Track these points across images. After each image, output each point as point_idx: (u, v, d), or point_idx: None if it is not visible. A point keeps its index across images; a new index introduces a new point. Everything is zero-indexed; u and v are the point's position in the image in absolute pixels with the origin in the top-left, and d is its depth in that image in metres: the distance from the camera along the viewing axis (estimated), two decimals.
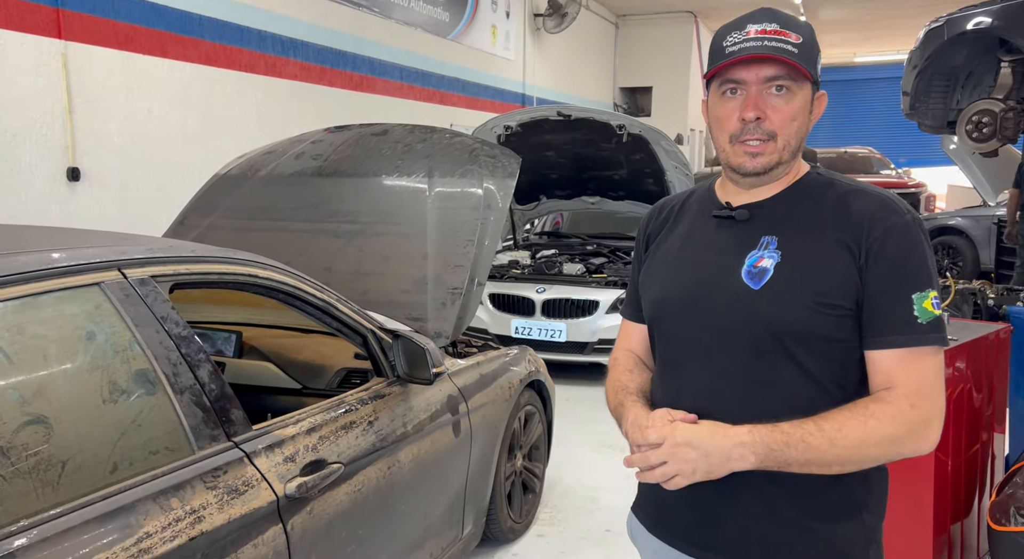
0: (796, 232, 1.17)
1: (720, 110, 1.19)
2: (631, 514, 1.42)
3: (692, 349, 1.22)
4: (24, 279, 1.40)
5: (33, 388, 1.37)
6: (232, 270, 1.90)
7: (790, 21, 1.17)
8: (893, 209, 1.14)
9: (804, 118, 1.18)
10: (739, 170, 1.20)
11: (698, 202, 1.32)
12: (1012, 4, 4.99)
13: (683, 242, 1.30)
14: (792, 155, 1.19)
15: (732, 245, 1.21)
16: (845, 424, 1.08)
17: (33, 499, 1.28)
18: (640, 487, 1.40)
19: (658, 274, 1.31)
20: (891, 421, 1.08)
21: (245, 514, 1.63)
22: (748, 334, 1.16)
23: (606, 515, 3.43)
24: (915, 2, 13.82)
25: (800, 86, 1.16)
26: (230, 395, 1.73)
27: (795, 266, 1.14)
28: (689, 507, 1.23)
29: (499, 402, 2.90)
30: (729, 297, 1.18)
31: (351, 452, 2.01)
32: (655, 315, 1.31)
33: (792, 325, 1.13)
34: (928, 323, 1.10)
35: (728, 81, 1.17)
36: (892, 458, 1.11)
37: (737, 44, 1.15)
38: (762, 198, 1.22)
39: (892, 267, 1.11)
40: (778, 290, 1.14)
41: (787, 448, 1.07)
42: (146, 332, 1.58)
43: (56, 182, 4.24)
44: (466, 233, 3.01)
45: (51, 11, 4.11)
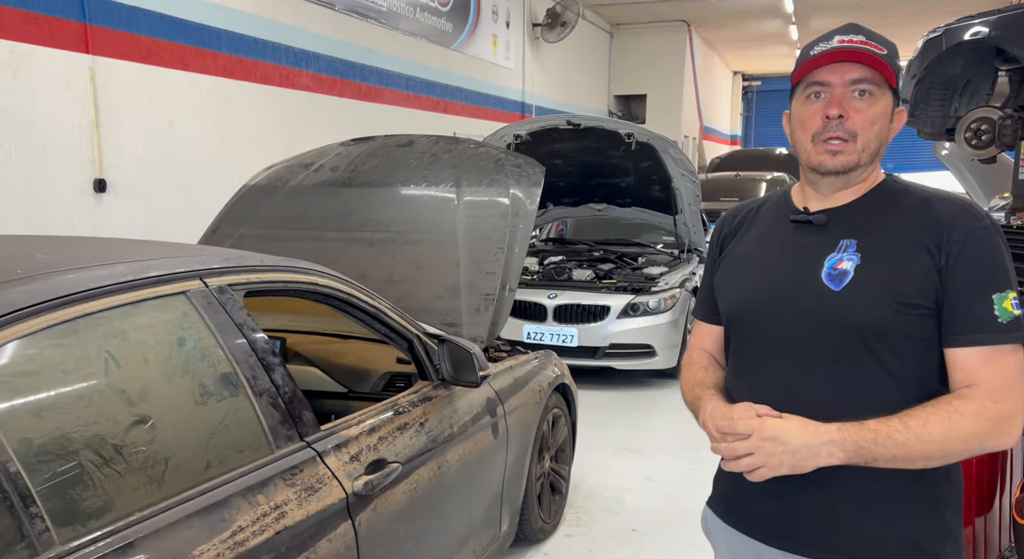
0: (875, 235, 1.22)
1: (804, 112, 1.25)
2: (707, 509, 1.46)
3: (772, 349, 1.28)
4: (124, 288, 1.48)
5: (138, 390, 1.45)
6: (296, 278, 1.99)
7: (875, 35, 1.23)
8: (973, 213, 1.19)
9: (884, 124, 1.23)
10: (819, 168, 1.24)
11: (773, 208, 1.38)
12: (1009, 15, 5.13)
13: (760, 246, 1.35)
14: (870, 159, 1.23)
15: (811, 249, 1.26)
16: (930, 421, 1.12)
17: (143, 494, 1.36)
18: (717, 482, 1.45)
19: (736, 277, 1.37)
20: (974, 417, 1.12)
21: (320, 510, 1.71)
22: (830, 334, 1.21)
23: (631, 515, 3.51)
24: (904, 11, 14.07)
25: (882, 93, 1.21)
26: (301, 397, 1.82)
27: (876, 268, 1.19)
28: (772, 499, 1.27)
29: (531, 405, 2.99)
30: (810, 299, 1.23)
31: (407, 452, 2.09)
32: (733, 317, 1.36)
33: (874, 324, 1.18)
34: (1008, 322, 1.14)
35: (814, 84, 1.23)
36: (976, 453, 1.16)
37: (824, 52, 1.22)
38: (839, 204, 1.27)
39: (972, 268, 1.15)
40: (859, 291, 1.19)
41: (874, 445, 1.11)
42: (227, 338, 1.66)
43: (83, 193, 4.32)
44: (496, 241, 3.10)
45: (79, 27, 4.20)
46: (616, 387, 5.62)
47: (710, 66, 19.08)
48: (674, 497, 3.69)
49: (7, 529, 1.14)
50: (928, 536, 1.22)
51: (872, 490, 1.21)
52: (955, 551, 1.24)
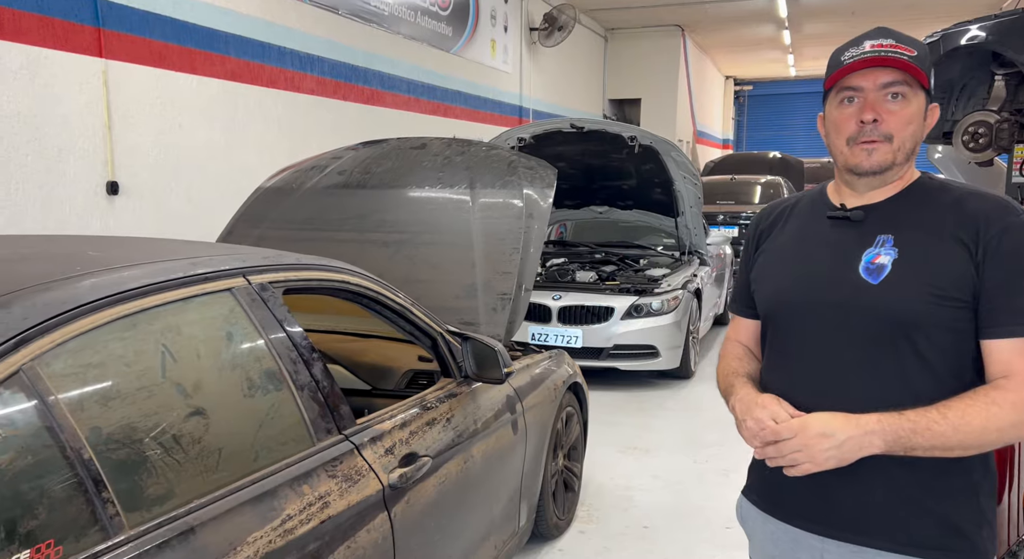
0: (912, 231, 1.26)
1: (838, 116, 1.28)
2: (742, 498, 1.50)
3: (810, 341, 1.32)
4: (176, 285, 1.53)
5: (192, 383, 1.50)
6: (329, 276, 2.04)
7: (905, 37, 1.27)
8: (1009, 209, 1.23)
9: (919, 123, 1.27)
10: (856, 169, 1.28)
11: (809, 205, 1.42)
12: (1005, 20, 5.26)
13: (797, 241, 1.39)
14: (905, 158, 1.27)
15: (848, 244, 1.30)
16: (967, 411, 1.15)
17: (200, 482, 1.41)
18: (752, 471, 1.48)
19: (773, 271, 1.41)
20: (1012, 408, 1.15)
21: (359, 501, 1.76)
22: (868, 326, 1.25)
23: (642, 512, 3.57)
24: (897, 16, 14.22)
25: (915, 93, 1.25)
26: (338, 392, 1.87)
27: (913, 262, 1.23)
28: (809, 487, 1.30)
29: (546, 403, 3.04)
30: (848, 291, 1.27)
31: (436, 446, 2.14)
32: (771, 309, 1.40)
33: (912, 316, 1.21)
34: None
35: (846, 89, 1.26)
36: (1012, 441, 1.20)
37: (855, 57, 1.25)
38: (876, 200, 1.31)
39: (1009, 262, 1.19)
40: (897, 284, 1.23)
41: (914, 435, 1.15)
42: (270, 333, 1.71)
43: (97, 195, 4.35)
44: (511, 241, 3.15)
45: (94, 31, 4.23)
46: (620, 387, 5.68)
47: (703, 70, 19.21)
48: (682, 494, 3.75)
49: (82, 513, 1.19)
50: (964, 521, 1.25)
51: (909, 477, 1.24)
52: (990, 536, 1.28)
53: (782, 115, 24.36)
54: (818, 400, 1.25)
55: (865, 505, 1.28)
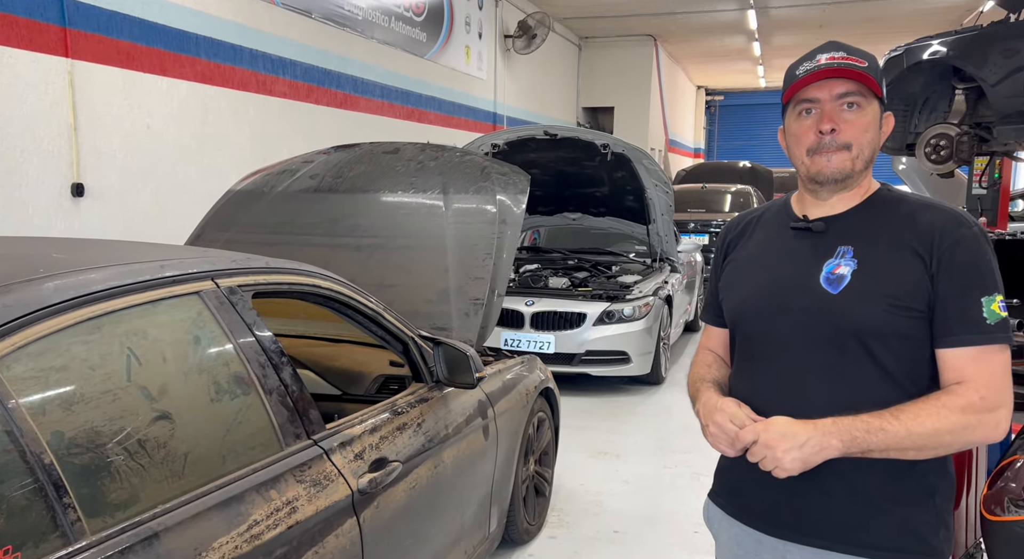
0: (871, 242, 1.30)
1: (797, 128, 1.33)
2: (708, 501, 1.53)
3: (774, 349, 1.36)
4: (142, 287, 1.51)
5: (158, 387, 1.48)
6: (300, 280, 2.03)
7: (855, 50, 1.32)
8: (962, 222, 1.27)
9: (875, 131, 1.31)
10: (817, 177, 1.32)
11: (775, 215, 1.46)
12: (965, 36, 5.41)
13: (762, 251, 1.44)
14: (864, 165, 1.32)
15: (810, 254, 1.35)
16: (920, 414, 1.19)
17: (165, 487, 1.39)
18: (718, 475, 1.52)
19: (740, 280, 1.45)
20: (961, 412, 1.20)
21: (328, 506, 1.74)
22: (829, 334, 1.29)
23: (612, 517, 3.59)
24: (862, 30, 14.54)
25: (869, 102, 1.29)
26: (307, 396, 1.85)
27: (871, 273, 1.28)
28: (771, 490, 1.33)
29: (518, 408, 3.05)
30: (809, 300, 1.31)
31: (406, 451, 2.13)
32: (738, 317, 1.44)
33: (870, 325, 1.26)
34: (996, 324, 1.22)
35: (803, 101, 1.31)
36: (966, 445, 1.24)
37: (809, 70, 1.31)
38: (837, 212, 1.36)
39: (962, 273, 1.23)
40: (856, 294, 1.27)
41: (868, 435, 1.18)
42: (239, 337, 1.70)
43: (61, 197, 4.26)
44: (484, 247, 3.16)
45: (59, 31, 4.16)
46: (592, 393, 5.71)
47: (675, 80, 19.43)
48: (652, 499, 3.77)
49: (41, 518, 1.17)
50: (921, 524, 1.29)
51: (868, 480, 1.28)
52: (947, 538, 1.31)
53: (752, 125, 24.74)
54: (779, 405, 1.29)
55: (826, 508, 1.31)
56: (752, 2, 12.94)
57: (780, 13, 13.79)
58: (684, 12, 13.61)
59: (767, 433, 1.22)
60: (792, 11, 13.63)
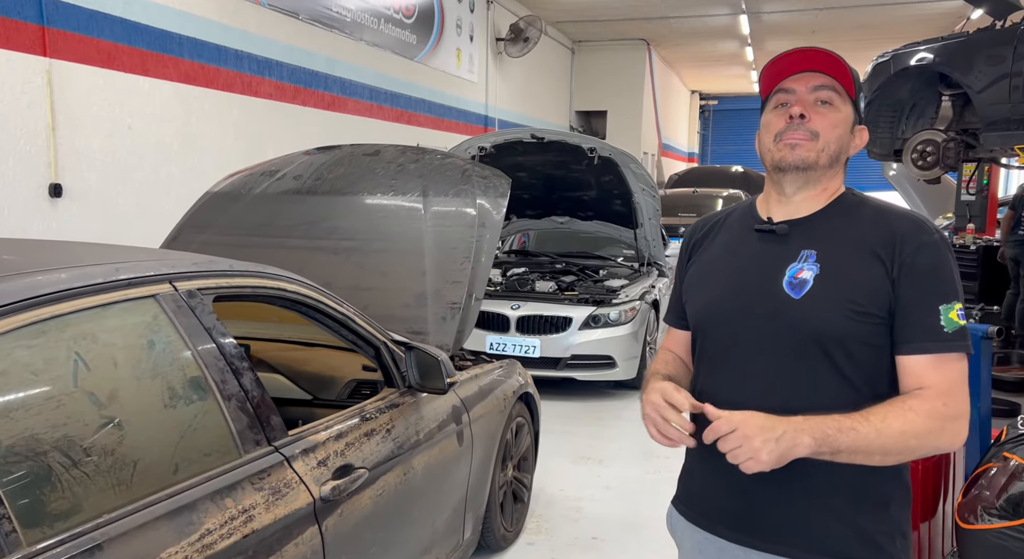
0: (834, 247, 1.28)
1: (771, 118, 1.33)
2: (671, 507, 1.51)
3: (736, 353, 1.34)
4: (94, 291, 1.48)
5: (107, 393, 1.44)
6: (264, 283, 2.00)
7: (837, 56, 1.31)
8: (924, 228, 1.26)
9: (845, 131, 1.31)
10: (780, 163, 1.30)
11: (740, 217, 1.44)
12: (952, 42, 5.40)
13: (726, 254, 1.42)
14: (829, 160, 1.30)
15: (773, 257, 1.33)
16: (888, 416, 1.18)
17: (112, 496, 1.36)
18: (681, 480, 1.50)
19: (703, 283, 1.44)
20: (927, 416, 1.18)
21: (288, 514, 1.71)
22: (790, 339, 1.28)
23: (592, 523, 3.56)
24: (853, 36, 14.59)
25: (844, 103, 1.30)
26: (269, 402, 1.82)
27: (833, 278, 1.26)
28: (733, 497, 1.33)
29: (495, 413, 3.02)
30: (772, 305, 1.29)
31: (373, 458, 2.10)
32: (700, 320, 1.42)
33: (831, 331, 1.25)
34: (954, 332, 1.21)
35: (780, 91, 1.31)
36: (929, 452, 1.23)
37: (787, 57, 1.31)
38: (801, 215, 1.35)
39: (922, 280, 1.22)
40: (817, 299, 1.26)
41: (839, 434, 1.16)
42: (196, 341, 1.66)
43: (38, 198, 4.22)
44: (463, 250, 3.13)
45: (37, 29, 4.12)
46: (576, 397, 5.68)
47: (669, 84, 19.47)
48: (633, 505, 3.75)
49: None
50: (878, 532, 1.28)
51: (828, 488, 1.27)
52: (904, 547, 1.30)
53: (746, 130, 24.78)
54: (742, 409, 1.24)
55: (786, 515, 1.30)
56: (744, 7, 12.97)
57: (772, 18, 13.82)
58: (677, 17, 13.63)
59: (746, 424, 1.16)
60: (784, 16, 13.67)
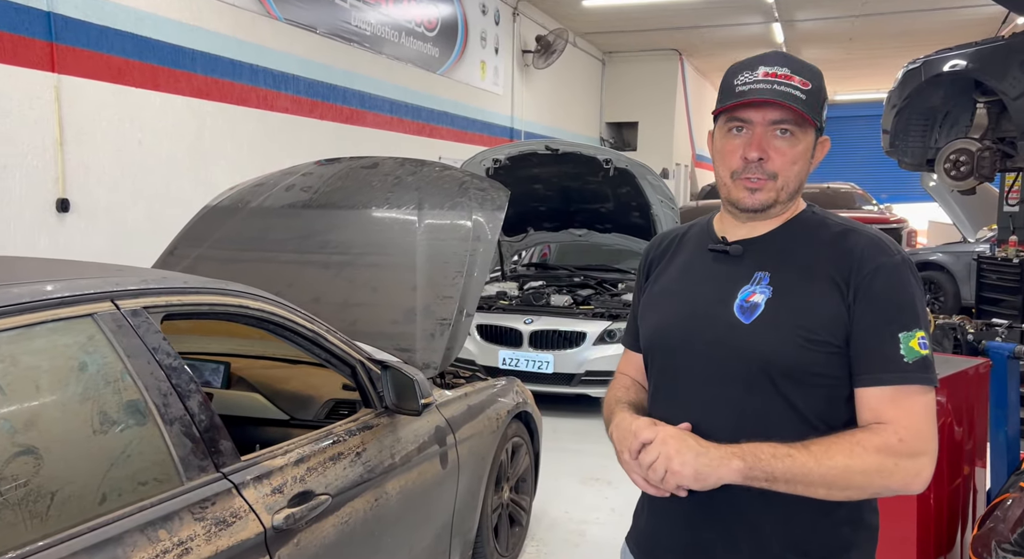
0: (788, 269, 1.19)
1: (725, 145, 1.22)
2: (624, 545, 1.43)
3: (684, 379, 1.24)
4: (19, 310, 1.41)
5: (24, 419, 1.37)
6: (223, 301, 1.92)
7: (802, 67, 1.19)
8: (883, 249, 1.16)
9: (805, 162, 1.21)
10: (738, 205, 1.22)
11: (697, 235, 1.35)
12: (986, 47, 5.16)
13: (680, 274, 1.32)
14: (789, 197, 1.22)
15: (726, 279, 1.23)
16: (832, 447, 1.09)
17: (21, 530, 1.28)
18: (635, 517, 1.41)
19: (655, 305, 1.34)
20: (876, 452, 1.08)
21: (232, 546, 1.62)
22: (738, 367, 1.17)
23: (593, 549, 3.41)
24: (892, 43, 14.21)
25: (804, 132, 1.19)
26: (219, 426, 1.74)
27: (785, 302, 1.16)
28: (679, 536, 1.24)
29: (486, 434, 2.90)
30: (721, 330, 1.19)
31: (339, 483, 2.01)
32: (651, 344, 1.33)
33: (780, 360, 1.14)
34: (914, 362, 1.10)
35: (735, 119, 1.20)
36: (881, 492, 1.11)
37: (748, 85, 1.18)
38: (757, 234, 1.24)
39: (880, 306, 1.12)
40: (767, 325, 1.16)
41: (773, 459, 1.07)
42: (137, 363, 1.59)
43: (46, 213, 4.25)
44: (455, 264, 3.04)
45: (45, 46, 4.16)
46: (588, 414, 5.52)
47: (702, 94, 19.21)
48: None
49: None
50: None
51: (777, 530, 1.17)
52: None
53: None
54: None
55: (734, 556, 1.20)
56: (777, 15, 12.72)
57: (807, 26, 13.54)
58: (709, 26, 13.43)
59: (665, 431, 1.12)
60: (819, 24, 13.37)
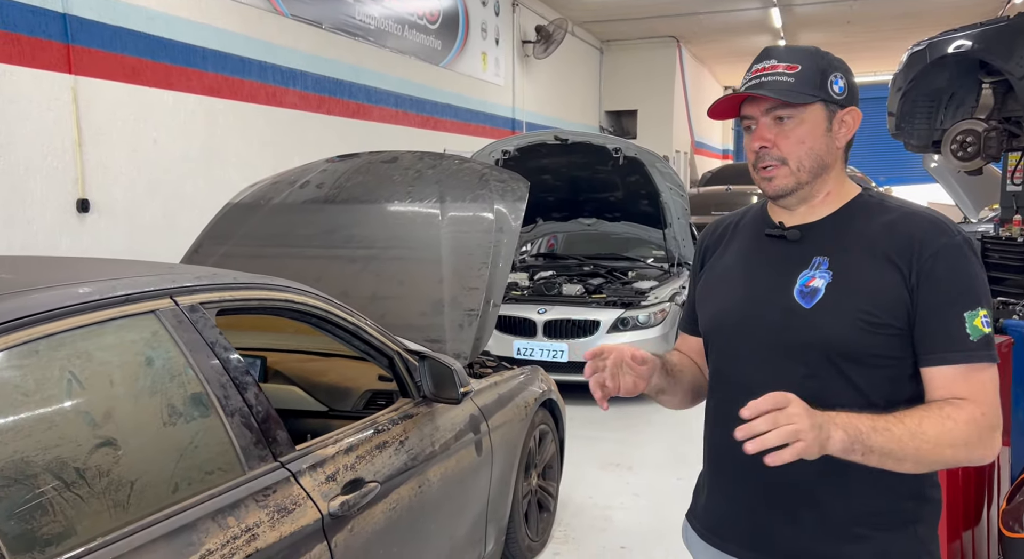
0: (847, 253, 1.22)
1: (745, 144, 1.31)
2: (685, 522, 1.47)
3: (745, 362, 1.28)
4: (89, 308, 1.46)
5: (103, 412, 1.42)
6: (272, 296, 1.97)
7: (787, 53, 1.24)
8: (944, 230, 1.18)
9: (816, 139, 1.23)
10: (765, 193, 1.29)
11: (752, 222, 1.38)
12: (991, 28, 5.18)
13: (738, 260, 1.36)
14: (811, 175, 1.24)
15: (785, 264, 1.26)
16: (924, 421, 1.10)
17: (107, 518, 1.33)
18: (696, 494, 1.45)
19: (714, 290, 1.38)
20: (966, 425, 1.11)
21: (294, 531, 1.68)
22: (800, 351, 1.21)
23: (620, 532, 3.48)
24: (891, 26, 14.21)
25: (804, 110, 1.22)
26: (275, 417, 1.79)
27: (846, 287, 1.19)
28: (742, 514, 1.28)
29: (516, 421, 2.96)
30: (781, 315, 1.23)
31: (386, 471, 2.06)
32: (710, 330, 1.36)
33: (842, 344, 1.17)
34: (979, 341, 1.14)
35: (743, 118, 1.28)
36: (961, 463, 1.15)
37: (744, 85, 1.26)
38: (813, 219, 1.28)
39: (943, 287, 1.14)
40: (829, 310, 1.19)
41: (873, 432, 1.07)
42: (198, 357, 1.64)
43: (66, 213, 4.29)
44: (480, 256, 3.08)
45: (62, 47, 4.19)
46: None
47: (700, 81, 19.20)
48: (663, 513, 3.65)
49: None
50: (899, 552, 1.21)
51: (838, 505, 1.21)
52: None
53: None
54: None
55: (797, 535, 1.24)
56: (775, 0, 12.72)
57: (805, 10, 13.53)
58: (707, 12, 13.42)
59: (793, 404, 1.03)
60: (817, 8, 13.36)
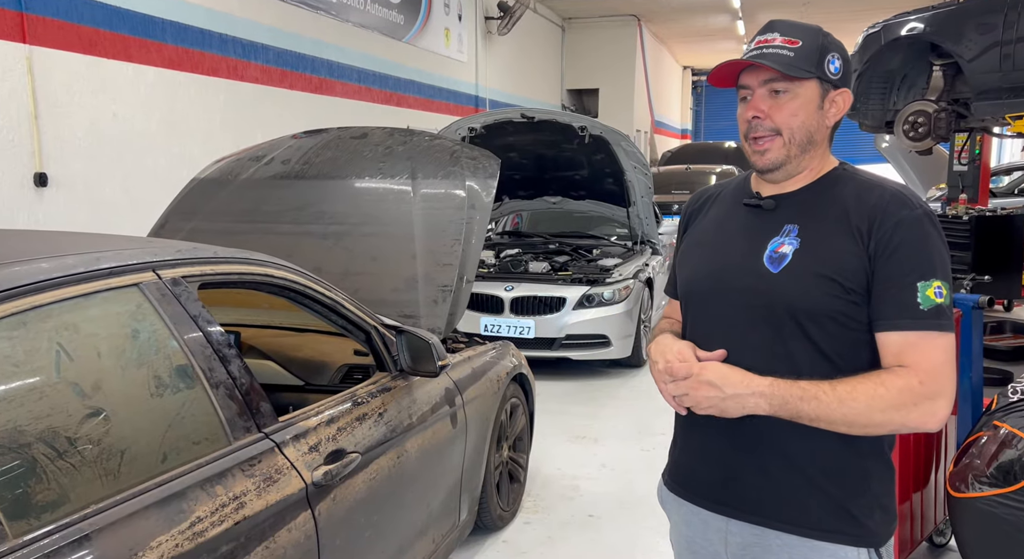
0: (816, 221, 1.29)
1: (739, 113, 1.35)
2: (660, 482, 1.54)
3: (717, 324, 1.35)
4: (75, 280, 1.46)
5: (91, 383, 1.43)
6: (251, 270, 1.98)
7: (792, 28, 1.30)
8: (905, 202, 1.24)
9: (808, 115, 1.29)
10: (755, 166, 1.35)
11: (733, 192, 1.45)
12: (941, 11, 5.36)
13: (715, 227, 1.43)
14: (800, 149, 1.30)
15: (758, 231, 1.34)
16: (856, 388, 1.19)
17: (99, 486, 1.35)
18: (669, 454, 1.52)
19: (691, 255, 1.45)
20: (899, 392, 1.18)
21: (280, 500, 1.71)
22: (767, 313, 1.28)
23: (587, 501, 3.58)
24: (849, 7, 14.47)
25: (799, 85, 1.27)
26: (258, 389, 1.81)
27: (811, 253, 1.27)
28: (712, 467, 1.36)
29: (489, 395, 3.02)
30: (751, 279, 1.30)
31: (366, 442, 2.10)
32: (687, 293, 1.44)
33: (806, 306, 1.25)
34: (929, 310, 1.20)
35: (740, 87, 1.33)
36: (900, 429, 1.22)
37: (746, 54, 1.31)
38: (789, 190, 1.35)
39: (900, 256, 1.21)
40: (794, 274, 1.26)
41: (800, 402, 1.19)
42: (182, 329, 1.65)
43: (24, 188, 4.18)
44: (452, 232, 3.11)
45: (15, 15, 4.05)
46: (572, 377, 5.69)
47: (660, 61, 19.33)
48: (629, 482, 3.77)
49: None
50: (855, 506, 1.28)
51: (805, 460, 1.28)
52: (884, 521, 1.30)
53: None
54: None
55: (764, 486, 1.31)
56: None
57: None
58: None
59: (698, 377, 1.25)
60: None
